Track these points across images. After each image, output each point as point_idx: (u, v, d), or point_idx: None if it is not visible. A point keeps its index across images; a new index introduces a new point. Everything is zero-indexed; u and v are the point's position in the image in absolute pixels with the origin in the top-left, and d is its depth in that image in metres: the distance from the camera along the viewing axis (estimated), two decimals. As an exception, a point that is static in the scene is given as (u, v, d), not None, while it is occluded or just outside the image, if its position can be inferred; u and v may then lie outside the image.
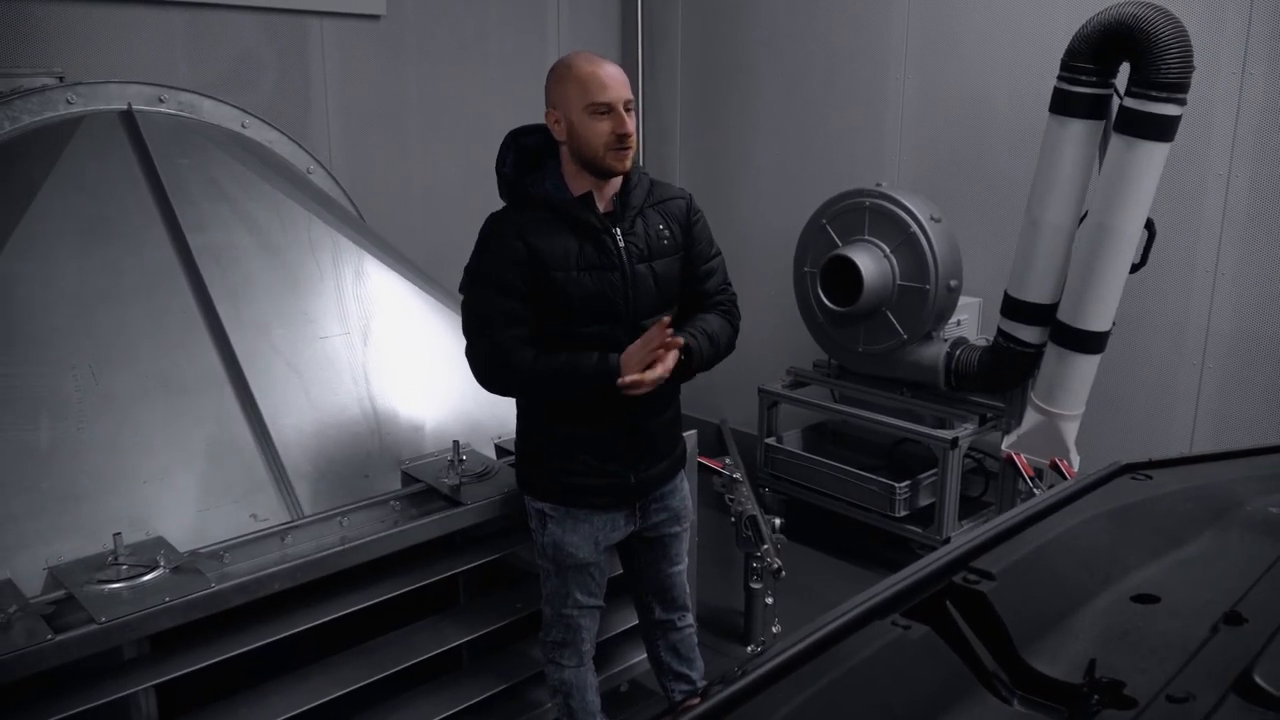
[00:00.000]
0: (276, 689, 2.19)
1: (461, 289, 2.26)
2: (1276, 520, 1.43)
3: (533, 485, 2.35)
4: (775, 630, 3.12)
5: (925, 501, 3.97)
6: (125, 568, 1.99)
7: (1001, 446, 3.75)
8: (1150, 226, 3.36)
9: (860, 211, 3.98)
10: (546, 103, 2.19)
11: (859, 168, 4.64)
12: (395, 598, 2.32)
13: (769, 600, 3.17)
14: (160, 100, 3.14)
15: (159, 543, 2.12)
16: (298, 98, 4.30)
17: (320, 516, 2.32)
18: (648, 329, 2.21)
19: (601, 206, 2.22)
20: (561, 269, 2.16)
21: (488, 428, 2.76)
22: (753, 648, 3.34)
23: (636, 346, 2.13)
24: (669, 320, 2.11)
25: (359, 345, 2.73)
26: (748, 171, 5.26)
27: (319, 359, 2.64)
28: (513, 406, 2.42)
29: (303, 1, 4.22)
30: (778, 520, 3.28)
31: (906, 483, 3.92)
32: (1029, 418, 3.65)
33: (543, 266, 2.15)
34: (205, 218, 2.74)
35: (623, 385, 2.10)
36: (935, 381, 3.93)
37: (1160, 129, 3.16)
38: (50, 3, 3.62)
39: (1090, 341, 3.44)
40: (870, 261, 3.88)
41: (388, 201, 4.51)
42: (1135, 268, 3.39)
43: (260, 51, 4.17)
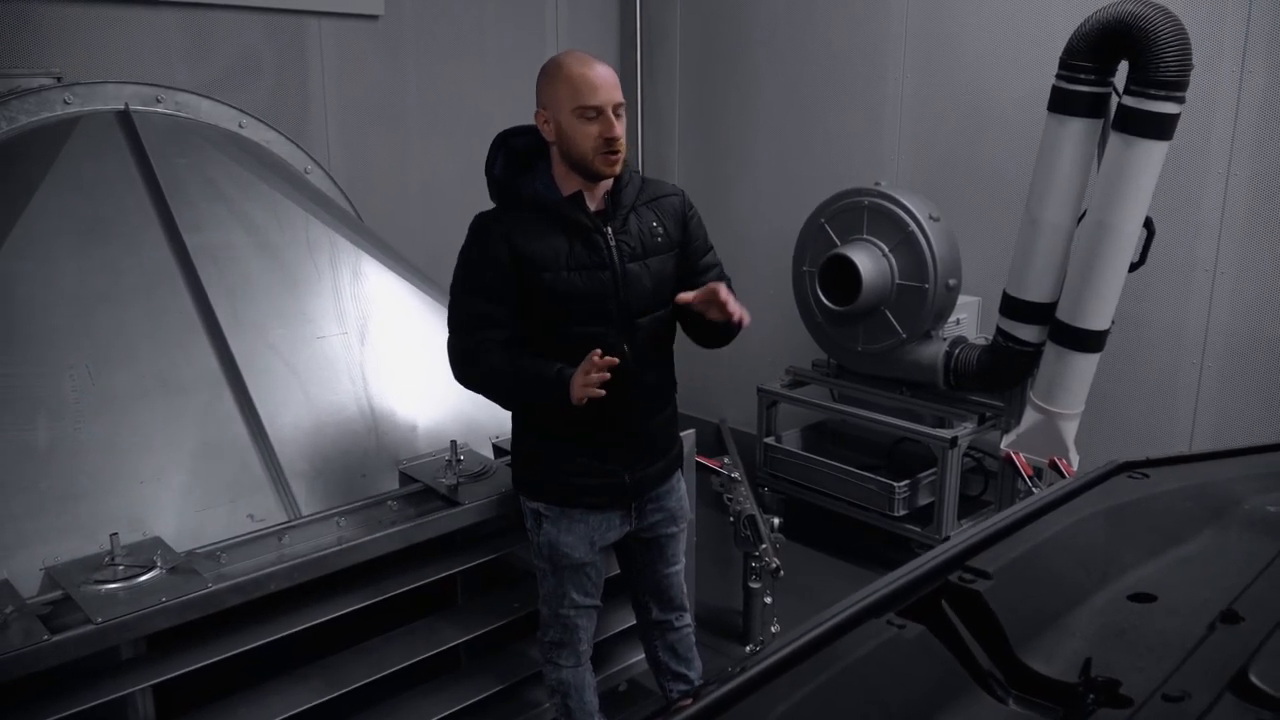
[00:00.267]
0: (274, 689, 2.19)
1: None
2: (1274, 519, 1.43)
3: (528, 485, 2.35)
4: (774, 630, 3.12)
5: (924, 501, 3.97)
6: (122, 568, 1.99)
7: (1001, 445, 3.75)
8: (1149, 225, 3.36)
9: (859, 211, 3.97)
10: (537, 102, 2.19)
11: (858, 167, 4.64)
12: (393, 598, 2.31)
13: (768, 600, 3.17)
14: (157, 100, 3.14)
15: (156, 543, 2.12)
16: (295, 98, 4.30)
17: (317, 516, 2.32)
18: (642, 329, 2.21)
19: (593, 205, 2.21)
20: (551, 270, 2.15)
21: (485, 427, 2.75)
22: (751, 647, 3.34)
23: (580, 370, 2.07)
24: (602, 354, 2.05)
25: (356, 345, 2.73)
26: (747, 171, 5.26)
27: (317, 359, 2.64)
28: (510, 406, 2.41)
29: (301, 1, 4.21)
30: (776, 520, 3.27)
31: (906, 482, 3.92)
32: (1028, 417, 3.65)
33: (531, 268, 2.15)
34: (203, 218, 2.74)
35: (577, 401, 2.08)
36: (934, 380, 3.93)
37: (1159, 127, 3.16)
38: (48, 3, 3.62)
39: (1089, 340, 3.43)
40: (869, 261, 3.88)
41: (386, 201, 4.50)
42: (1134, 266, 3.39)
43: (258, 51, 4.17)
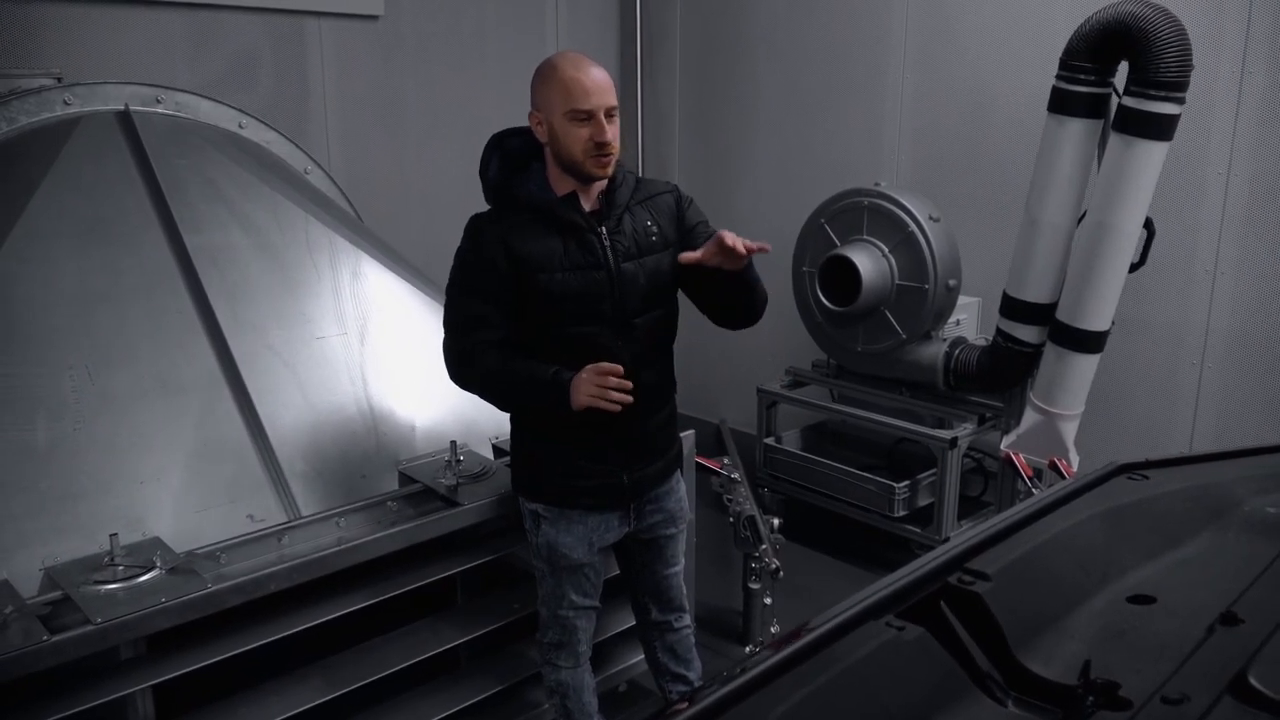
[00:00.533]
0: (274, 690, 2.19)
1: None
2: (1273, 521, 1.43)
3: (527, 486, 2.35)
4: (774, 631, 3.12)
5: (924, 501, 3.97)
6: (122, 568, 1.99)
7: (1000, 446, 3.74)
8: (1149, 226, 3.36)
9: (859, 211, 3.97)
10: (531, 103, 2.19)
11: (857, 167, 4.64)
12: (392, 598, 2.31)
13: (767, 601, 3.17)
14: (158, 101, 3.14)
15: (155, 543, 2.11)
16: (295, 98, 4.30)
17: (317, 517, 2.31)
18: (639, 329, 2.21)
19: (587, 206, 2.21)
20: (545, 271, 2.15)
21: (485, 428, 2.75)
22: (751, 648, 3.33)
23: (588, 375, 2.08)
24: (619, 370, 2.06)
25: (356, 345, 2.73)
26: (747, 171, 5.25)
27: (316, 359, 2.64)
28: (510, 406, 2.41)
29: (300, 2, 4.21)
30: (776, 520, 3.27)
31: (905, 483, 3.92)
32: (1028, 417, 3.64)
33: (526, 269, 2.15)
34: (202, 218, 2.74)
35: (578, 408, 2.09)
36: (934, 381, 3.93)
37: (1159, 128, 3.16)
38: (48, 3, 3.61)
39: (1089, 341, 3.43)
40: (869, 261, 3.87)
41: (385, 202, 4.50)
42: (1134, 267, 3.38)
43: (258, 52, 4.16)
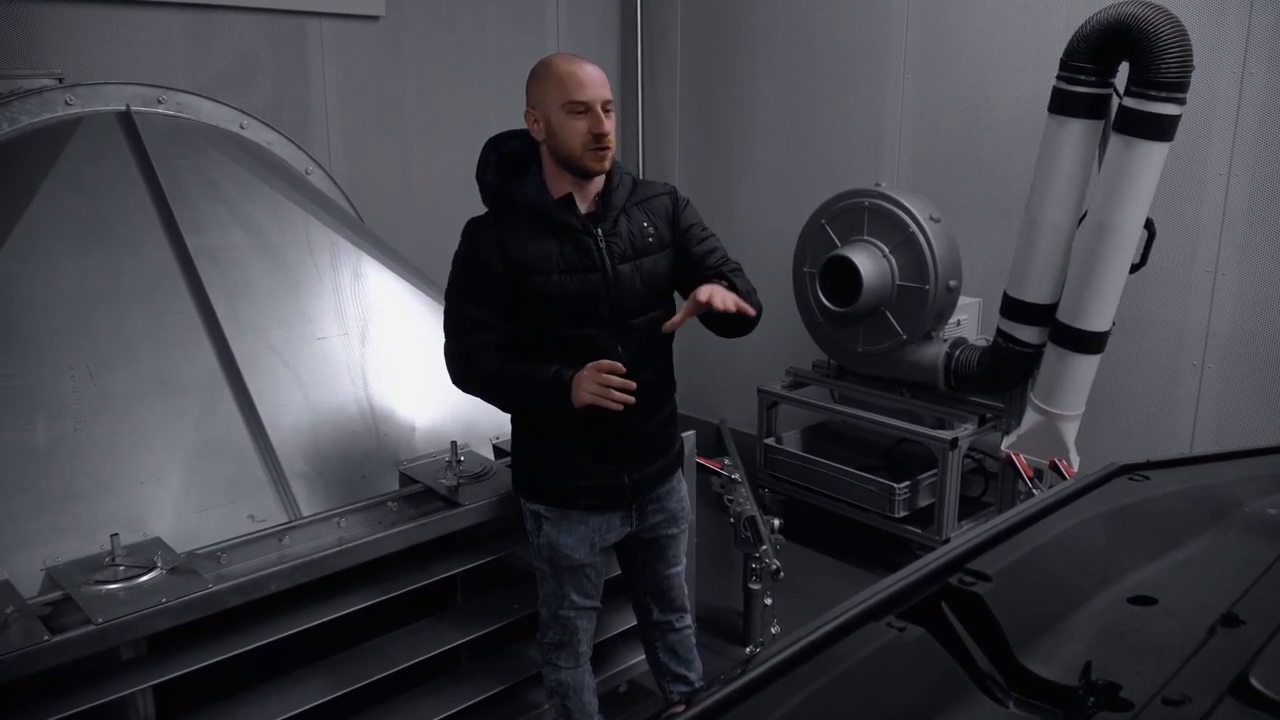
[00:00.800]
0: (274, 690, 2.19)
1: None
2: (1274, 522, 1.43)
3: (528, 487, 2.35)
4: (774, 631, 3.12)
5: (925, 502, 3.97)
6: (122, 569, 1.99)
7: (1001, 447, 3.75)
8: (1150, 226, 3.36)
9: (859, 211, 3.97)
10: (527, 102, 2.19)
11: (858, 168, 4.64)
12: (393, 599, 2.31)
13: (768, 601, 3.17)
14: (159, 101, 3.14)
15: (156, 543, 2.12)
16: (296, 99, 4.30)
17: (318, 517, 2.32)
18: (637, 330, 2.21)
19: (583, 208, 2.21)
20: (542, 273, 2.15)
21: (485, 428, 2.76)
22: (751, 649, 3.33)
23: (589, 373, 2.09)
24: (621, 368, 2.07)
25: (357, 346, 2.73)
26: (747, 172, 5.25)
27: (317, 359, 2.64)
28: (510, 407, 2.41)
29: (301, 2, 4.22)
30: (777, 521, 3.27)
31: (906, 483, 3.92)
32: (1028, 418, 3.65)
33: (523, 272, 2.15)
34: (203, 219, 2.74)
35: (579, 405, 2.09)
36: (935, 382, 3.93)
37: (1159, 128, 3.16)
38: (49, 4, 3.62)
39: (1090, 342, 3.43)
40: (869, 261, 3.87)
41: (386, 202, 4.51)
42: (1135, 268, 3.38)
43: (259, 52, 4.17)
